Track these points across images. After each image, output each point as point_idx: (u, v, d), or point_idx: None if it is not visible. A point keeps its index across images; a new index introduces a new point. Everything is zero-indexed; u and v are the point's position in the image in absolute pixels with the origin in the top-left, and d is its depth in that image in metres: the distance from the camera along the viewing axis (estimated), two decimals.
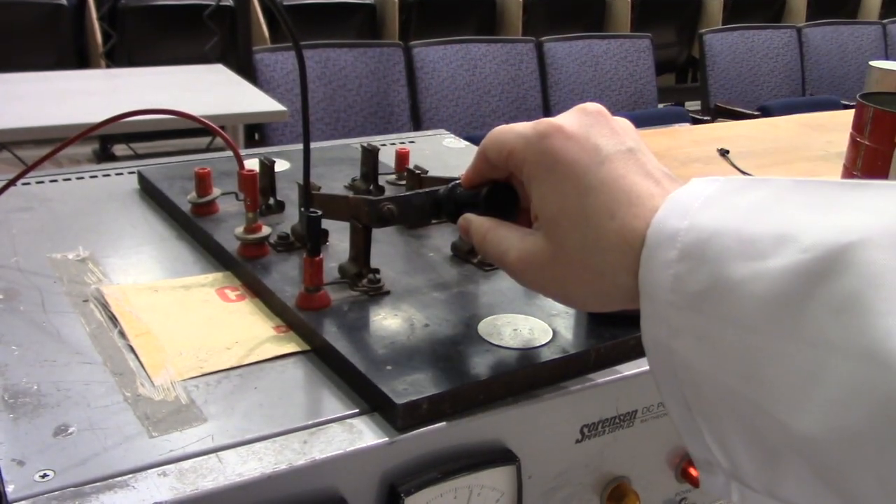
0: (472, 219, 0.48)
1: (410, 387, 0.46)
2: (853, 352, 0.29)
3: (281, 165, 0.77)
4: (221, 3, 3.03)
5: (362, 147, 0.75)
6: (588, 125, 0.43)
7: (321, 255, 0.54)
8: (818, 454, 0.31)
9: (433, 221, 0.60)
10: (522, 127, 0.45)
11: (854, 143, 1.15)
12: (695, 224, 0.35)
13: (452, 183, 0.51)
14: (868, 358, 0.29)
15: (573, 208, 0.41)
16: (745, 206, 0.35)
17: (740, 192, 0.36)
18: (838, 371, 0.30)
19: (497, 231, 0.46)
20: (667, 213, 0.37)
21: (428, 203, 0.52)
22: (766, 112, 2.82)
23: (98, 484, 0.40)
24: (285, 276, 0.58)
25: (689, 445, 0.38)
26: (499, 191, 0.48)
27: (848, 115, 1.22)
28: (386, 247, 0.64)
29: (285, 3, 3.54)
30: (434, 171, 0.69)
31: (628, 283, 0.39)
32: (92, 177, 0.81)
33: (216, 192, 0.69)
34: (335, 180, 0.76)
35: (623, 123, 0.44)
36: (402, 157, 0.78)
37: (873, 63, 1.66)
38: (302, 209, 0.62)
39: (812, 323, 0.30)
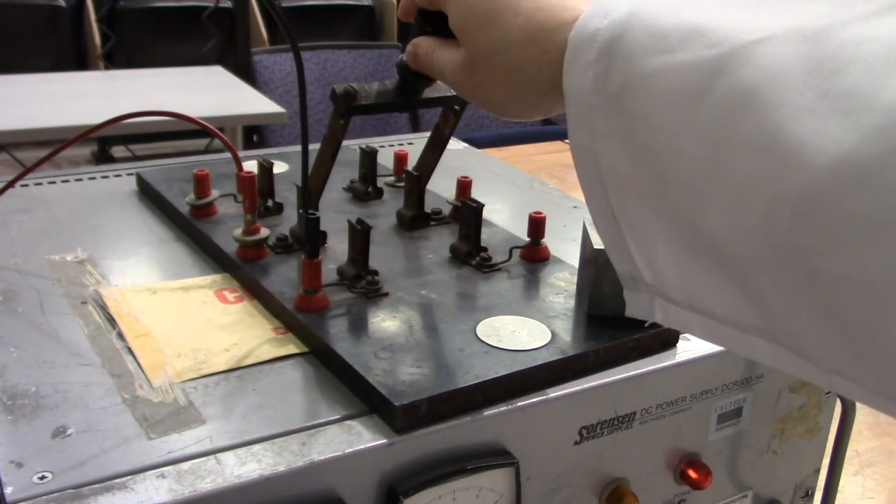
0: (417, 42, 0.50)
1: (409, 388, 0.46)
2: (746, 147, 0.29)
3: (279, 167, 0.77)
4: (220, 5, 3.03)
5: (361, 149, 0.76)
6: None
7: (320, 257, 0.54)
8: (723, 253, 0.32)
9: (403, 103, 0.61)
10: None
11: None
12: (613, 22, 0.35)
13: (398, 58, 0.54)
14: (761, 152, 0.29)
15: (479, 14, 0.42)
16: (663, 2, 0.35)
17: None
18: (734, 167, 0.30)
19: (437, 51, 0.48)
20: (589, 14, 0.37)
21: (389, 85, 0.55)
22: None
23: (96, 486, 0.40)
24: (284, 277, 0.58)
25: (614, 259, 0.38)
26: (432, 13, 0.49)
27: None
28: (384, 248, 0.64)
29: (283, 4, 3.54)
30: (433, 172, 0.69)
31: (540, 80, 0.39)
32: (90, 178, 0.81)
33: (215, 193, 0.69)
34: (334, 182, 0.76)
35: None
36: (400, 159, 0.78)
37: None
38: (300, 211, 0.62)
39: (710, 119, 0.31)
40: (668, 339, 0.55)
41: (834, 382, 0.32)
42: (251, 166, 0.67)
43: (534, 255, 0.63)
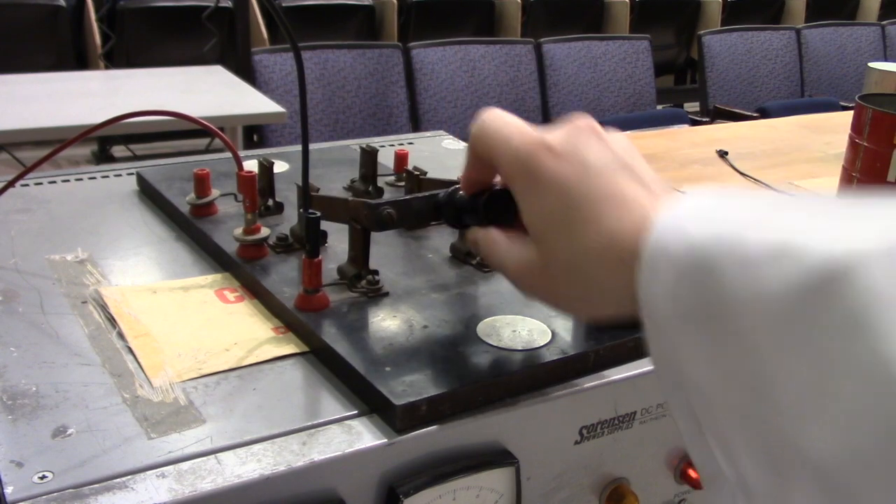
0: (478, 234, 0.48)
1: (409, 388, 0.46)
2: (858, 373, 0.29)
3: (280, 167, 0.77)
4: (220, 5, 3.03)
5: (361, 148, 0.76)
6: (577, 142, 0.42)
7: (320, 257, 0.54)
8: (828, 474, 0.31)
9: (432, 223, 0.60)
10: (510, 134, 0.44)
11: (853, 145, 1.16)
12: (691, 244, 0.35)
13: (452, 188, 0.51)
14: (873, 380, 0.28)
15: (559, 223, 0.41)
16: (741, 221, 0.34)
17: (736, 204, 0.36)
18: (845, 391, 0.29)
19: (498, 245, 0.46)
20: (664, 232, 0.36)
21: (428, 207, 0.52)
22: (764, 113, 2.82)
23: (97, 485, 0.40)
24: (284, 277, 0.58)
25: (696, 460, 0.38)
26: (497, 198, 0.48)
27: (847, 117, 1.22)
28: (385, 248, 0.64)
29: (284, 4, 3.54)
30: (433, 173, 0.69)
31: (620, 296, 0.38)
32: (91, 178, 0.81)
33: (215, 193, 0.69)
34: (334, 181, 0.76)
35: (616, 139, 0.44)
36: (401, 159, 0.78)
37: (872, 64, 1.66)
38: (301, 210, 0.62)
39: (815, 341, 0.30)
40: None
41: None
42: (251, 166, 0.67)
43: None
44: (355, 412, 0.46)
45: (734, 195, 0.37)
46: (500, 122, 0.45)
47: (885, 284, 0.29)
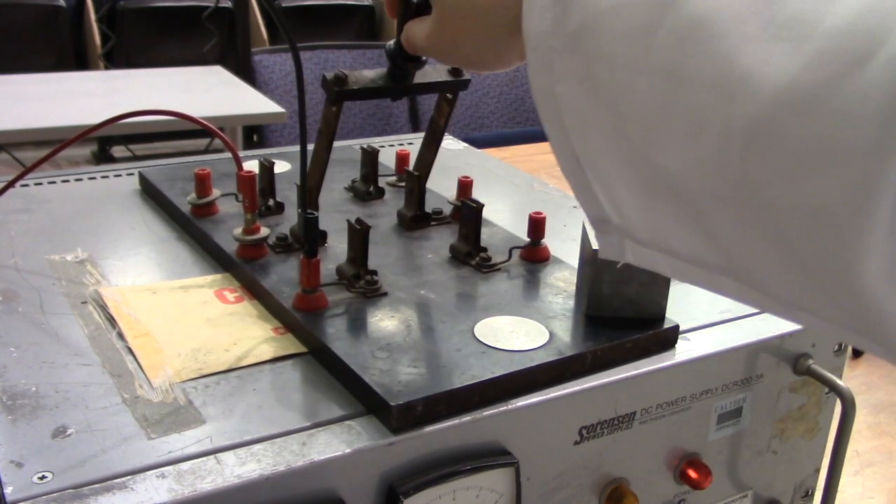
0: (403, 30, 0.51)
1: (405, 388, 0.46)
2: (697, 80, 0.29)
3: (281, 167, 0.77)
4: (220, 5, 3.03)
5: (362, 149, 0.76)
6: None
7: (318, 257, 0.54)
8: (679, 189, 0.32)
9: (394, 91, 0.61)
10: None
11: None
12: None
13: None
14: (710, 85, 0.29)
15: None
16: None
17: None
18: (685, 101, 0.30)
19: (413, 26, 0.49)
20: None
21: (379, 76, 0.56)
22: None
23: (97, 485, 0.40)
24: (283, 277, 0.58)
25: (582, 203, 0.38)
26: None
27: None
28: (384, 248, 0.64)
29: (283, 4, 3.54)
30: (433, 173, 0.69)
31: (507, 21, 0.40)
32: (90, 178, 0.81)
33: (216, 193, 0.69)
34: (335, 181, 0.77)
35: None
36: (402, 159, 0.78)
37: None
38: (300, 210, 0.62)
39: (662, 53, 0.30)
40: (666, 340, 0.55)
41: (800, 318, 0.32)
42: (252, 166, 0.67)
43: (534, 255, 0.63)
44: (355, 412, 0.46)
45: None
46: None
47: None
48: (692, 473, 0.56)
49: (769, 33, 0.27)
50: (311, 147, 0.54)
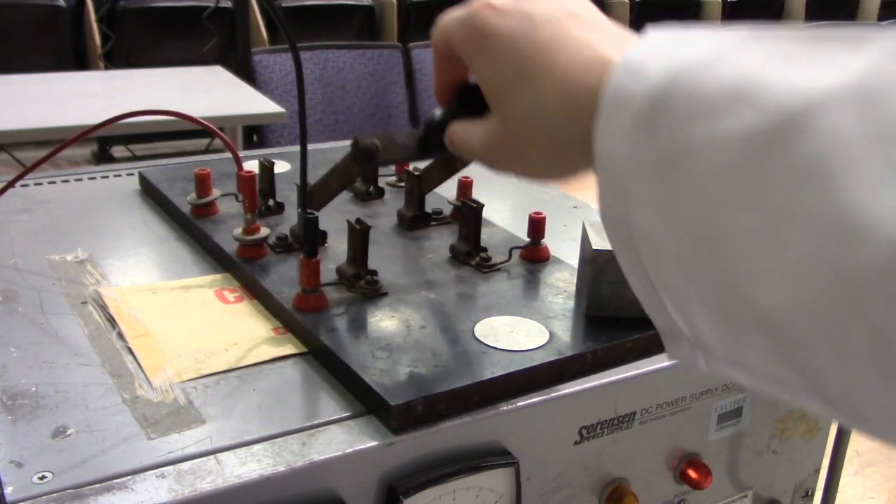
0: (448, 129, 0.48)
1: (405, 388, 0.46)
2: (813, 219, 0.28)
3: (282, 167, 0.77)
4: (220, 5, 3.03)
5: None
6: None
7: (318, 257, 0.54)
8: (779, 326, 0.30)
9: (423, 157, 0.60)
10: (456, 11, 0.44)
11: None
12: (651, 85, 0.33)
13: (430, 114, 0.51)
14: (828, 226, 0.27)
15: (510, 76, 0.40)
16: (700, 60, 0.33)
17: (695, 43, 0.34)
18: (798, 240, 0.28)
19: (464, 129, 0.46)
20: (622, 74, 0.35)
21: (412, 140, 0.52)
22: None
23: (96, 486, 0.40)
24: (283, 277, 0.58)
25: (651, 316, 0.37)
26: (468, 92, 0.47)
27: None
28: (384, 248, 0.64)
29: (283, 4, 3.54)
30: None
31: (581, 140, 0.37)
32: (90, 178, 0.81)
33: (216, 193, 0.69)
34: None
35: None
36: None
37: None
38: (300, 210, 0.62)
39: (771, 189, 0.29)
40: None
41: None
42: (252, 166, 0.67)
43: (534, 255, 0.63)
44: (355, 412, 0.46)
45: (695, 32, 0.35)
46: (451, 11, 0.45)
47: (845, 127, 0.27)
48: (692, 473, 0.56)
49: (893, 175, 0.26)
50: (311, 147, 0.54)
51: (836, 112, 0.28)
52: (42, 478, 0.40)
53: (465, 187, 0.70)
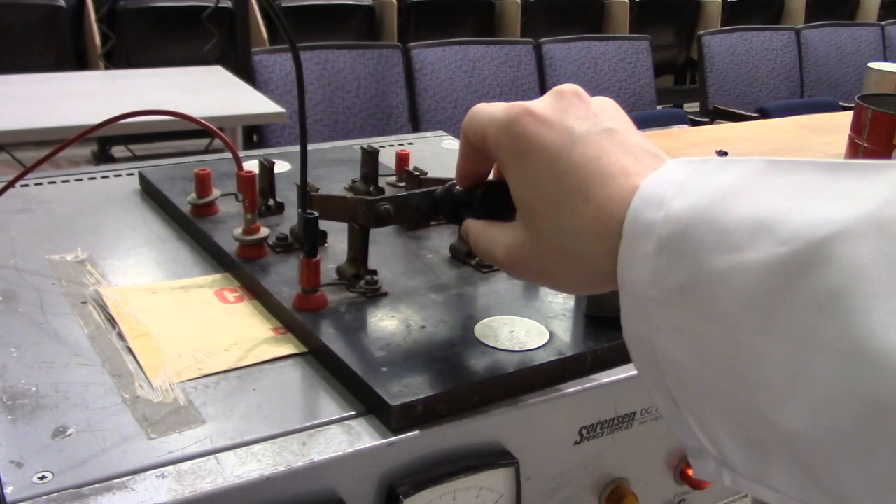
0: (468, 224, 0.48)
1: (405, 388, 0.46)
2: (837, 350, 0.28)
3: (282, 167, 0.77)
4: (220, 5, 3.03)
5: (362, 149, 0.76)
6: (562, 108, 0.42)
7: (318, 257, 0.54)
8: (805, 451, 0.31)
9: (432, 223, 0.60)
10: (495, 108, 0.44)
11: (853, 145, 1.16)
12: (670, 215, 0.34)
13: (449, 183, 0.51)
14: (852, 356, 0.28)
15: (547, 194, 0.40)
16: (720, 192, 0.34)
17: (715, 176, 0.35)
18: (822, 369, 0.29)
19: (486, 231, 0.46)
20: (641, 203, 0.36)
21: (425, 203, 0.52)
22: (764, 114, 2.82)
23: (97, 486, 0.40)
24: (283, 277, 0.58)
25: (678, 435, 0.38)
26: (494, 191, 0.48)
27: (846, 117, 1.22)
28: (384, 248, 0.64)
29: (283, 4, 3.54)
30: (433, 173, 0.69)
31: (610, 268, 0.38)
32: (90, 178, 0.81)
33: (216, 193, 0.69)
34: (335, 181, 0.77)
35: (602, 103, 0.43)
36: (402, 159, 0.78)
37: (872, 65, 1.66)
38: (300, 210, 0.62)
39: (793, 319, 0.30)
40: None
41: None
42: (252, 166, 0.67)
43: None
44: (355, 412, 0.46)
45: (717, 162, 0.36)
46: (488, 105, 0.45)
47: (863, 259, 0.28)
48: (692, 473, 0.56)
49: None
50: (311, 147, 0.54)
51: (855, 241, 0.28)
52: (42, 478, 0.40)
53: None
